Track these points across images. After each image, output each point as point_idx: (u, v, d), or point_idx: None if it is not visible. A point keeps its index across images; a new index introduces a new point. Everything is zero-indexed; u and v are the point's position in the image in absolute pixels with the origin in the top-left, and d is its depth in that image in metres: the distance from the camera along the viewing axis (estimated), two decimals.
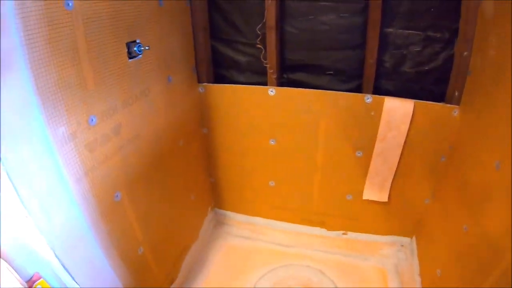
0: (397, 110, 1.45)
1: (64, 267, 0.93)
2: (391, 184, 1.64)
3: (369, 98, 1.48)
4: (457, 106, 1.41)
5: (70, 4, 0.85)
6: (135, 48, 1.08)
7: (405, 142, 1.51)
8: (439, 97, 1.50)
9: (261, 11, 1.48)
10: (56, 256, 0.90)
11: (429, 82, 1.52)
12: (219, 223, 2.05)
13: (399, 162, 1.56)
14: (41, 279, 0.88)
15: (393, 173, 1.60)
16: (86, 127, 0.96)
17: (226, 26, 1.58)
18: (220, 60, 1.67)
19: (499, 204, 1.04)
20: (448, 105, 1.44)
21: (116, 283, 1.16)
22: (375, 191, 1.67)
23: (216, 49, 1.64)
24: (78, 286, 0.98)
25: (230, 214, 2.03)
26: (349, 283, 1.71)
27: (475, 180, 1.23)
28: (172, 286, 1.58)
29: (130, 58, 1.09)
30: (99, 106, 1.00)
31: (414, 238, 1.80)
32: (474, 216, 1.19)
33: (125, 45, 1.06)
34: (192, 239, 1.77)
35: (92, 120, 0.98)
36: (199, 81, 1.60)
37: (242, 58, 1.63)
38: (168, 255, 1.53)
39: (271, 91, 1.55)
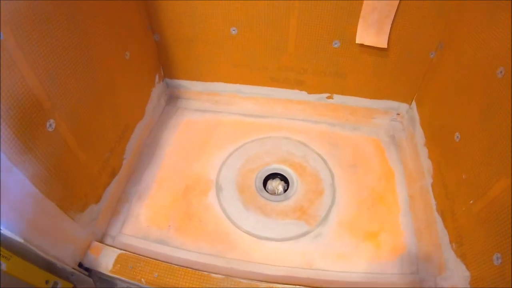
0: None
1: None
2: (391, 26, 1.24)
3: None
4: None
5: None
6: None
7: None
8: None
9: None
10: None
11: None
12: (172, 97, 1.65)
13: None
14: None
15: (395, 9, 1.18)
16: None
17: None
18: None
19: None
20: None
21: (18, 177, 0.77)
22: (371, 33, 1.26)
23: None
24: None
25: (185, 83, 1.61)
26: (339, 155, 1.41)
27: None
28: (116, 179, 1.22)
29: None
30: None
31: (413, 104, 1.47)
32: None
33: None
34: (136, 117, 1.37)
35: None
36: None
37: None
38: (100, 137, 1.12)
39: None
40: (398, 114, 1.55)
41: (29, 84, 0.77)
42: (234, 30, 1.36)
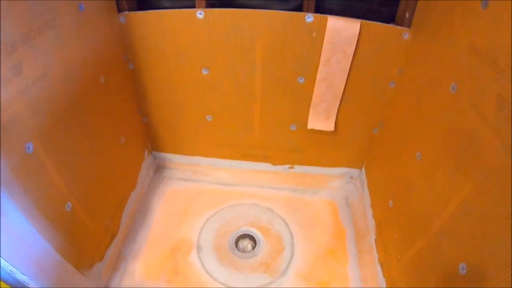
0: (342, 31, 1.33)
1: None
2: (337, 112, 1.57)
3: (310, 17, 1.33)
4: (407, 29, 1.32)
5: None
6: None
7: (351, 66, 1.41)
8: (389, 19, 1.40)
9: None
10: None
11: (378, 3, 1.39)
12: (159, 167, 1.93)
13: (345, 88, 1.48)
14: None
15: (339, 99, 1.52)
16: None
17: None
18: None
19: (455, 129, 1.00)
20: (398, 27, 1.34)
21: (46, 247, 1.03)
22: (320, 119, 1.59)
23: None
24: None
25: (170, 156, 1.90)
26: (299, 219, 1.69)
27: (426, 103, 1.18)
28: (114, 242, 1.48)
29: None
30: None
31: (363, 169, 1.78)
32: (427, 143, 1.15)
33: None
34: (130, 187, 1.64)
35: None
36: (119, 9, 1.38)
37: None
38: (104, 209, 1.39)
39: (200, 13, 1.36)
40: (351, 177, 1.86)
41: (52, 178, 1.05)
42: (209, 117, 1.68)
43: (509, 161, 0.74)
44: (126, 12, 1.39)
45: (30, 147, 0.96)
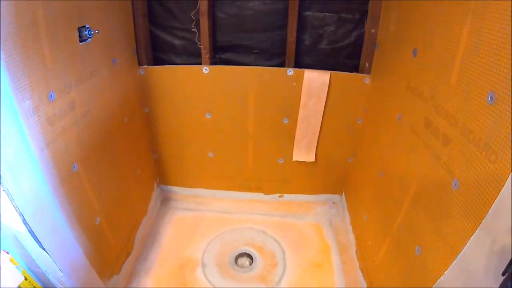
0: (316, 80, 1.69)
1: (32, 233, 1.02)
2: (317, 146, 1.89)
3: (291, 71, 1.70)
4: (368, 75, 1.69)
5: None
6: (85, 32, 1.20)
7: (325, 108, 1.76)
8: (353, 69, 1.77)
9: None
10: (25, 222, 0.99)
11: (344, 57, 1.77)
12: (166, 198, 2.20)
13: (321, 126, 1.82)
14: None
15: (317, 135, 1.85)
16: (47, 102, 1.07)
17: (163, 12, 1.73)
18: (159, 44, 1.81)
19: (402, 147, 1.31)
20: (360, 74, 1.71)
21: (78, 251, 1.28)
22: (302, 153, 1.91)
23: (154, 34, 1.78)
24: (45, 253, 1.09)
25: (175, 188, 2.19)
26: (288, 238, 1.95)
27: (383, 132, 1.51)
28: (129, 259, 1.72)
29: (81, 41, 1.21)
30: (56, 84, 1.11)
31: (343, 194, 2.07)
32: (385, 162, 1.46)
33: (76, 29, 1.18)
34: (142, 214, 1.91)
35: (52, 95, 1.09)
36: (140, 63, 1.73)
37: (178, 42, 1.78)
38: (122, 228, 1.67)
39: (205, 69, 1.72)
40: (334, 203, 2.14)
41: (88, 194, 1.33)
42: (211, 154, 2.00)
43: (437, 162, 1.04)
44: (145, 66, 1.74)
45: (76, 167, 1.25)
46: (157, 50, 1.82)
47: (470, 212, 0.86)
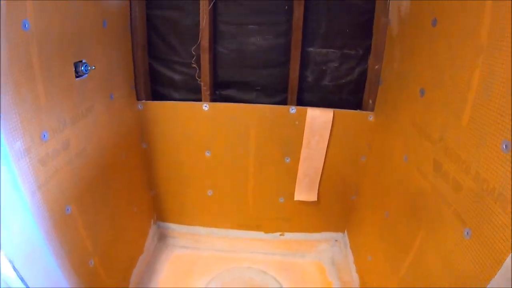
0: (319, 119, 1.65)
1: (22, 280, 0.96)
2: (319, 185, 1.84)
3: (293, 109, 1.67)
4: (371, 112, 1.66)
5: (27, 25, 0.93)
6: (82, 68, 1.17)
7: (328, 146, 1.72)
8: (356, 105, 1.75)
9: (195, 33, 1.63)
10: (15, 269, 0.93)
11: (347, 93, 1.75)
12: (162, 236, 2.13)
13: (324, 164, 1.77)
14: None
15: (319, 174, 1.80)
16: (39, 142, 1.03)
17: (163, 46, 1.71)
18: (158, 78, 1.78)
19: (407, 188, 1.26)
20: (364, 111, 1.67)
21: None
22: (304, 192, 1.85)
23: (153, 68, 1.76)
24: None
25: (173, 226, 2.12)
26: (290, 278, 1.87)
27: (389, 171, 1.46)
28: None
29: (77, 77, 1.18)
30: (50, 123, 1.07)
31: (346, 232, 2.00)
32: (391, 202, 1.41)
33: (72, 64, 1.15)
34: (138, 252, 1.84)
35: (44, 135, 1.05)
36: (138, 98, 1.70)
37: (178, 77, 1.76)
38: (117, 268, 1.59)
39: (205, 106, 1.69)
40: (336, 240, 2.07)
41: (81, 235, 1.27)
42: (210, 192, 1.95)
43: (446, 207, 0.99)
44: (144, 101, 1.71)
45: (69, 209, 1.19)
46: (156, 84, 1.80)
47: (483, 262, 0.82)
